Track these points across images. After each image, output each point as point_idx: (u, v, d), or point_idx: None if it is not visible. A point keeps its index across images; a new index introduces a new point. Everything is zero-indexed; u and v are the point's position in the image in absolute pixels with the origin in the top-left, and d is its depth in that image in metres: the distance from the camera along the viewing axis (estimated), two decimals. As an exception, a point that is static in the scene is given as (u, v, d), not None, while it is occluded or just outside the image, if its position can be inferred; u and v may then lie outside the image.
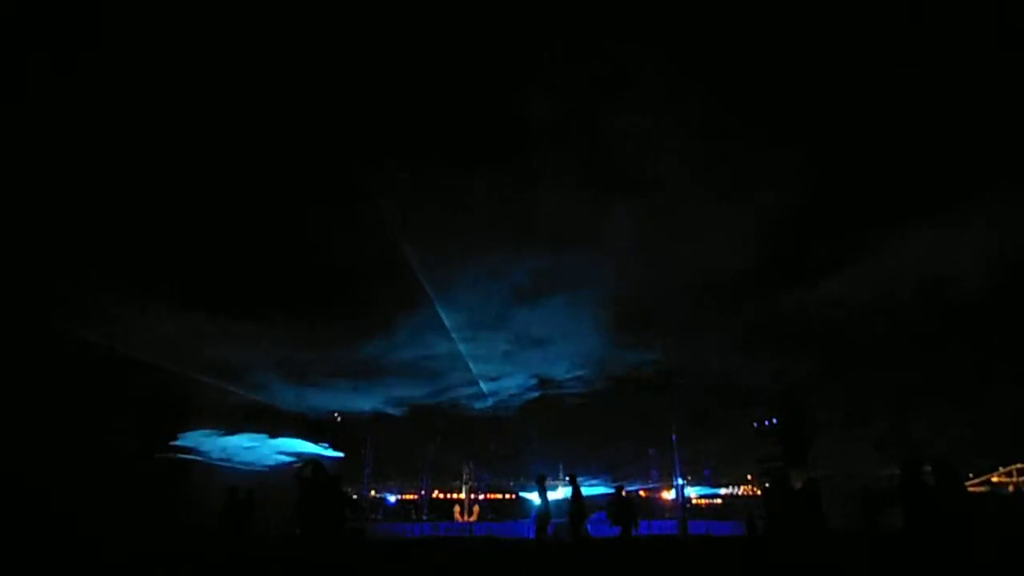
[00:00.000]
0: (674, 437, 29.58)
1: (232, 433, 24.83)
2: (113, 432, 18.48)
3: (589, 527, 29.42)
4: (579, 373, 29.40)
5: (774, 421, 27.88)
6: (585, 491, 33.05)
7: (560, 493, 33.72)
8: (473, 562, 11.98)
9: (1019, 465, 39.39)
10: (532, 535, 16.87)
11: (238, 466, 24.35)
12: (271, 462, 25.87)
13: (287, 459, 25.84)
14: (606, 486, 34.73)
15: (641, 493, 36.00)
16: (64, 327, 17.54)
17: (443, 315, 25.44)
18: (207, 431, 23.74)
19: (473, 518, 31.08)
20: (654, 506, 34.06)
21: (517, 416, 31.60)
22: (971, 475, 35.51)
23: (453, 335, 26.42)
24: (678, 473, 29.93)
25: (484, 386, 29.71)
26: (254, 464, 25.31)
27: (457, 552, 14.15)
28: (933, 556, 6.13)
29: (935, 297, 22.53)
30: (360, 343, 25.85)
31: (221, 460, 23.86)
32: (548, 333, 27.75)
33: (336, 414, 30.62)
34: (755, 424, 28.93)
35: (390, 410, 29.65)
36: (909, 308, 23.23)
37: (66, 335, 17.49)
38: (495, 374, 29.37)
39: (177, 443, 22.37)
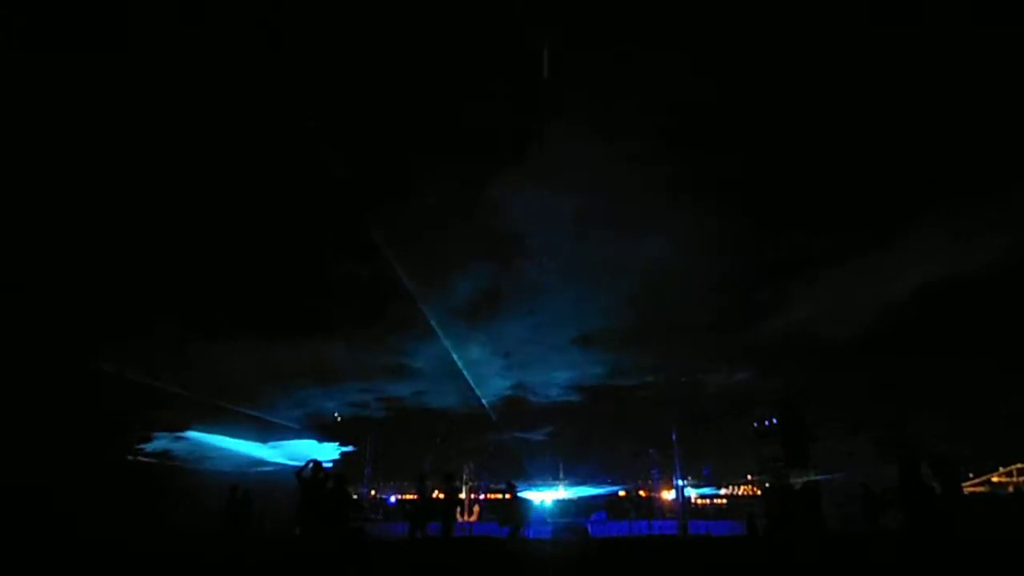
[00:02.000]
0: (674, 437, 29.56)
1: (231, 435, 24.83)
2: (102, 436, 18.47)
3: (589, 527, 29.59)
4: (579, 380, 29.78)
5: (774, 421, 27.85)
6: (586, 491, 33.11)
7: (561, 493, 33.81)
8: (473, 562, 11.98)
9: (1019, 465, 39.41)
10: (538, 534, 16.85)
11: (237, 468, 24.32)
12: (272, 464, 25.89)
13: (288, 460, 25.84)
14: (606, 487, 34.82)
15: (641, 493, 36.02)
16: (63, 342, 17.57)
17: (442, 323, 25.76)
18: (205, 433, 23.76)
19: (473, 518, 31.06)
20: (654, 506, 34.06)
21: (517, 418, 31.72)
22: (971, 475, 35.51)
23: (454, 343, 26.69)
24: (678, 473, 29.90)
25: (482, 395, 29.95)
26: (253, 466, 25.30)
27: (457, 552, 14.13)
28: (932, 556, 6.14)
29: (933, 301, 22.68)
30: (364, 350, 26.18)
31: (214, 462, 23.85)
32: (548, 342, 28.28)
33: (336, 415, 30.71)
34: (755, 424, 28.91)
35: (390, 413, 29.93)
36: (908, 312, 23.37)
37: (63, 348, 17.51)
38: (495, 379, 29.63)
39: (172, 447, 22.36)
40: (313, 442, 27.91)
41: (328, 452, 28.07)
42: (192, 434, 23.25)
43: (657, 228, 24.71)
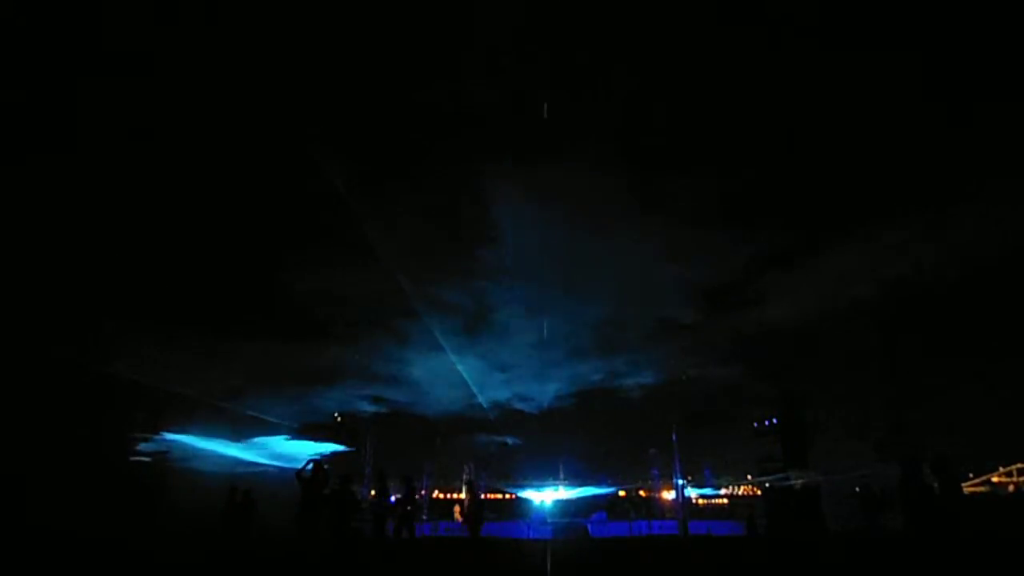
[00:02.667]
0: (675, 437, 29.58)
1: (230, 434, 24.82)
2: (98, 432, 18.45)
3: (589, 527, 29.59)
4: (578, 382, 29.94)
5: (774, 421, 27.84)
6: (586, 491, 33.08)
7: (561, 493, 33.79)
8: (473, 562, 11.98)
9: (1019, 465, 39.45)
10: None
11: (237, 467, 24.31)
12: (272, 463, 25.86)
13: (288, 461, 25.82)
14: (606, 487, 34.85)
15: (642, 493, 36.04)
16: (58, 342, 17.56)
17: (443, 332, 25.96)
18: (205, 434, 23.77)
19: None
20: (654, 506, 34.10)
21: (517, 419, 31.76)
22: (971, 475, 35.52)
23: (454, 350, 26.81)
24: (678, 473, 29.92)
25: (482, 399, 30.05)
26: (255, 465, 25.29)
27: (457, 552, 14.14)
28: (932, 555, 6.13)
29: (933, 298, 22.68)
30: (361, 355, 26.39)
31: (215, 460, 23.83)
32: (547, 346, 28.50)
33: (336, 414, 30.68)
34: (755, 424, 28.90)
35: (388, 416, 30.12)
36: (908, 312, 23.38)
37: (58, 348, 17.49)
38: (494, 382, 29.75)
39: (174, 445, 22.31)
40: (306, 441, 27.89)
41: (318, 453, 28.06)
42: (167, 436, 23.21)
43: (650, 232, 24.76)
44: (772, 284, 25.26)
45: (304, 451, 26.75)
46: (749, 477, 35.69)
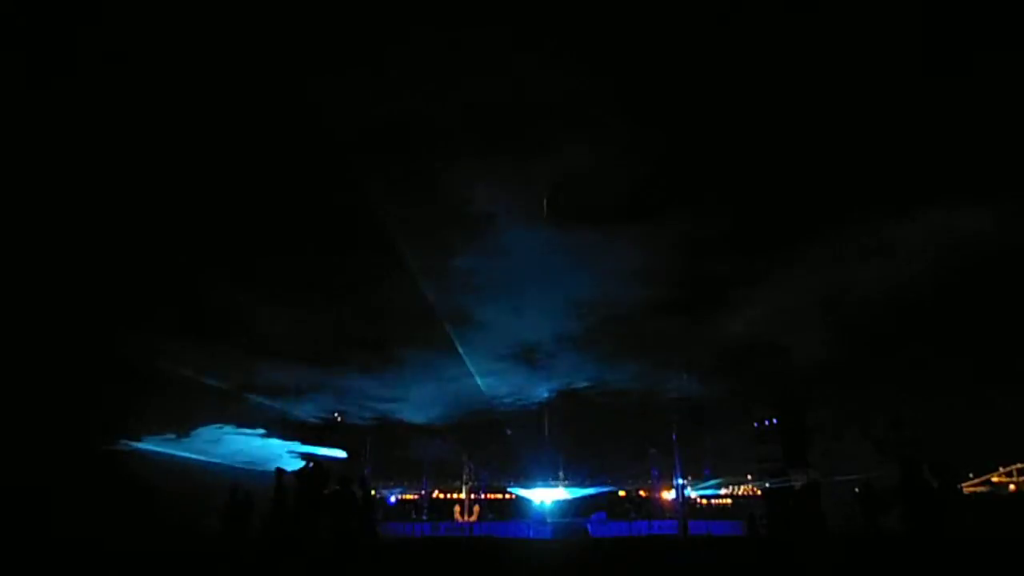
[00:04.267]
0: (675, 437, 29.58)
1: (229, 431, 24.87)
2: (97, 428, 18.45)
3: (589, 526, 29.53)
4: (578, 382, 29.96)
5: (774, 421, 27.82)
6: (585, 491, 33.10)
7: (561, 493, 33.79)
8: (473, 562, 11.98)
9: (1019, 465, 39.36)
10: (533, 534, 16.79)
11: (237, 466, 24.31)
12: (270, 462, 25.83)
13: (287, 459, 25.81)
14: (606, 487, 34.85)
15: (642, 493, 36.01)
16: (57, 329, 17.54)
17: (438, 331, 26.00)
18: (214, 428, 23.86)
19: (473, 518, 31.11)
20: (654, 506, 34.05)
21: (516, 419, 31.78)
22: (971, 475, 35.47)
23: (451, 347, 26.83)
24: (678, 473, 29.92)
25: (482, 384, 30.02)
26: (252, 465, 25.28)
27: (457, 552, 14.15)
28: (932, 555, 6.13)
29: (937, 296, 22.63)
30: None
31: (216, 458, 23.84)
32: (539, 350, 28.59)
33: (336, 414, 30.69)
34: (755, 424, 28.89)
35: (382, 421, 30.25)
36: (908, 307, 23.34)
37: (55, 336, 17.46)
38: (492, 382, 29.78)
39: (176, 438, 22.35)
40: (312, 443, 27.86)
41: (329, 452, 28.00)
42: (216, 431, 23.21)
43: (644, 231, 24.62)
44: (767, 280, 25.19)
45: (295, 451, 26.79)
46: (749, 477, 35.70)
